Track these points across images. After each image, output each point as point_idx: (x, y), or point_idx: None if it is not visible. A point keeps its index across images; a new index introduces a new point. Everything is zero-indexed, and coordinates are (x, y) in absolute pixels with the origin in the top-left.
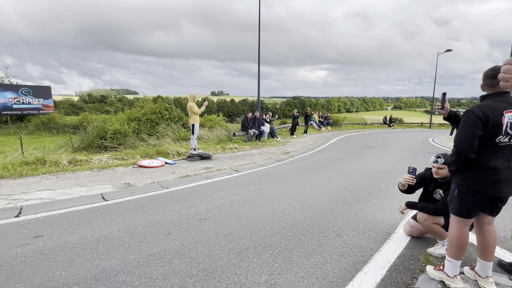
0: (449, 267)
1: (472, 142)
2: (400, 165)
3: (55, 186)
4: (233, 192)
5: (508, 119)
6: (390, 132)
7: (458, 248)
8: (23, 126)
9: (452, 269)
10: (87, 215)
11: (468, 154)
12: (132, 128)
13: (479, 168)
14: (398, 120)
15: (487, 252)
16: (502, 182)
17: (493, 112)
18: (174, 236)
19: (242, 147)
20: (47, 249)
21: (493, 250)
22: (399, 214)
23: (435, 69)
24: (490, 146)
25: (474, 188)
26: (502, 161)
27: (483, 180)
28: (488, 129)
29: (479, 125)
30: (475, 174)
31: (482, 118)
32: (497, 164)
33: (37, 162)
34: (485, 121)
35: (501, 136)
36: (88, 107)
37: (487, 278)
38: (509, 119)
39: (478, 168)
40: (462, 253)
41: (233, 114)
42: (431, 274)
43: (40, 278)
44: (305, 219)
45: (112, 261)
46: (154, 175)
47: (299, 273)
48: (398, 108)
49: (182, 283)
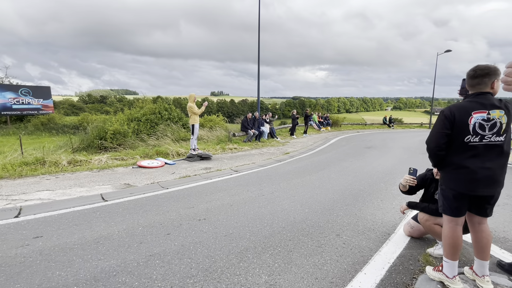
0: (447, 267)
1: (438, 140)
2: (400, 165)
3: (55, 187)
4: (233, 193)
5: (476, 120)
6: (390, 133)
7: (452, 248)
8: (23, 126)
9: (450, 270)
10: (87, 215)
11: (435, 151)
12: (132, 128)
13: (453, 167)
14: (397, 120)
15: (481, 250)
16: (474, 181)
17: (460, 112)
18: (174, 237)
19: (241, 148)
20: (47, 249)
21: (486, 249)
22: (398, 214)
23: (435, 70)
24: (460, 145)
25: (450, 186)
26: (474, 161)
27: (457, 179)
28: (455, 128)
29: (446, 124)
30: (450, 173)
31: (449, 118)
32: (468, 164)
33: (37, 162)
34: (451, 121)
35: (470, 136)
36: (88, 107)
37: (483, 277)
38: (477, 119)
39: (452, 167)
40: (457, 253)
41: (233, 114)
42: (430, 274)
43: (40, 278)
44: (305, 219)
45: (112, 261)
46: (154, 175)
47: (298, 273)
48: (398, 108)
49: (181, 283)
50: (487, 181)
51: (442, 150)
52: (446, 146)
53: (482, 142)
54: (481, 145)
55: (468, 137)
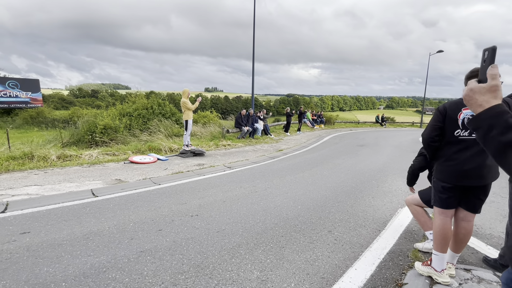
0: (436, 261)
1: (432, 132)
2: (392, 163)
3: (43, 182)
4: (226, 189)
5: (465, 115)
6: (382, 131)
7: (442, 239)
8: (10, 120)
9: (439, 263)
10: (76, 211)
11: (428, 142)
12: (124, 123)
13: (443, 159)
14: (390, 119)
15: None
16: (462, 172)
17: (452, 107)
18: (166, 233)
19: (235, 144)
20: (34, 245)
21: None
22: (389, 211)
23: (427, 70)
24: (451, 138)
25: (440, 178)
26: (463, 154)
27: (446, 171)
28: (446, 122)
29: (439, 118)
30: (441, 165)
31: (442, 112)
32: (457, 156)
33: (25, 157)
34: (444, 115)
35: (459, 130)
36: (79, 101)
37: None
38: (466, 115)
39: (443, 159)
40: (447, 245)
41: (227, 111)
42: (419, 270)
43: (27, 275)
44: (297, 216)
45: (102, 257)
46: (146, 171)
47: (290, 269)
48: (390, 107)
49: (173, 279)
50: (474, 172)
51: (435, 141)
52: (438, 139)
53: (471, 136)
54: (470, 139)
55: (458, 131)
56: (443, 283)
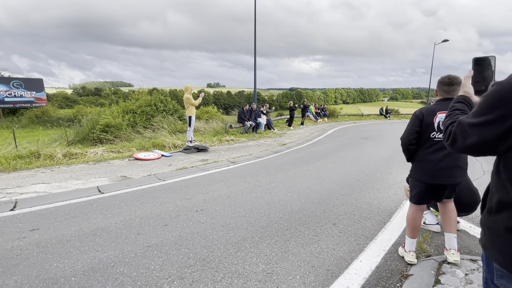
0: (407, 244)
1: (409, 136)
2: (396, 155)
3: (50, 180)
4: (230, 184)
5: (440, 119)
6: (386, 123)
7: (412, 228)
8: (16, 119)
9: (409, 246)
10: (83, 208)
11: (407, 145)
12: (127, 120)
13: (418, 160)
14: (394, 111)
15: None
16: (434, 171)
17: (428, 113)
18: (171, 228)
19: (238, 139)
20: (43, 241)
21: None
22: (394, 203)
23: (432, 60)
24: (427, 140)
25: (416, 176)
26: (436, 154)
27: (421, 170)
28: (423, 126)
29: (416, 122)
30: (416, 165)
31: (418, 117)
32: (431, 157)
33: (31, 155)
34: (421, 119)
35: (434, 132)
36: (83, 100)
37: (450, 250)
38: (441, 118)
39: (418, 159)
40: (416, 232)
41: (229, 106)
42: (399, 252)
43: (37, 270)
44: (302, 209)
45: (109, 252)
46: (151, 167)
47: (295, 262)
48: (395, 99)
49: (179, 273)
50: (444, 171)
51: (412, 145)
52: (416, 142)
53: None
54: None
55: (433, 133)
56: (408, 261)
